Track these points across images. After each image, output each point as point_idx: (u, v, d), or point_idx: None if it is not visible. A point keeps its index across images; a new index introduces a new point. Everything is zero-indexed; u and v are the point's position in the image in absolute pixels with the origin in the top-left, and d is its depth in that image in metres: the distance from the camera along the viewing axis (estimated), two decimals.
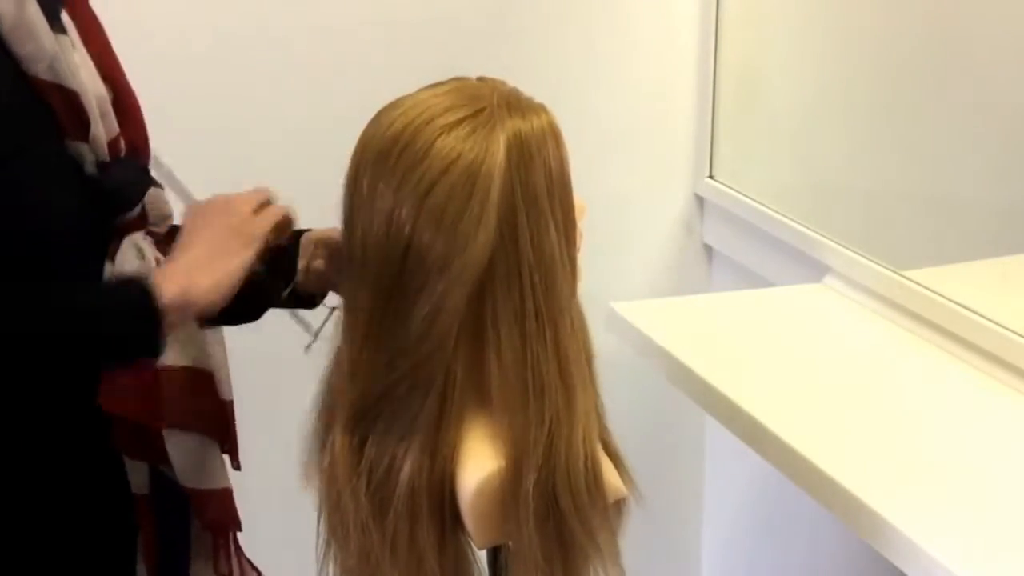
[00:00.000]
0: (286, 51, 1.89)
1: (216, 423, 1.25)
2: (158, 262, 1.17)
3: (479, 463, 1.09)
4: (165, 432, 1.21)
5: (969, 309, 1.61)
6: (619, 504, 1.15)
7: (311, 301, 1.29)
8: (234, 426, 1.27)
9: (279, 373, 1.63)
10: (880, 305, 1.76)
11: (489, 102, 1.07)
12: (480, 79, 1.12)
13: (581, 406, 1.09)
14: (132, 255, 1.16)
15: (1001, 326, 1.56)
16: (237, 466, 1.30)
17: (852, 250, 1.83)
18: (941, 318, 1.64)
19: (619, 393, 2.14)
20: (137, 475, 1.22)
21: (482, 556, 1.19)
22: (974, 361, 1.59)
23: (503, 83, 1.11)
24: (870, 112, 1.87)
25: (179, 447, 1.22)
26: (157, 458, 1.22)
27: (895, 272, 1.75)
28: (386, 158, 1.06)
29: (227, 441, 1.27)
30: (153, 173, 1.25)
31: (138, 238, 1.18)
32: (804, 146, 2.03)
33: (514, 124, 1.06)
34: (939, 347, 1.64)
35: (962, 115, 1.70)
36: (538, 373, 1.07)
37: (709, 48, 2.12)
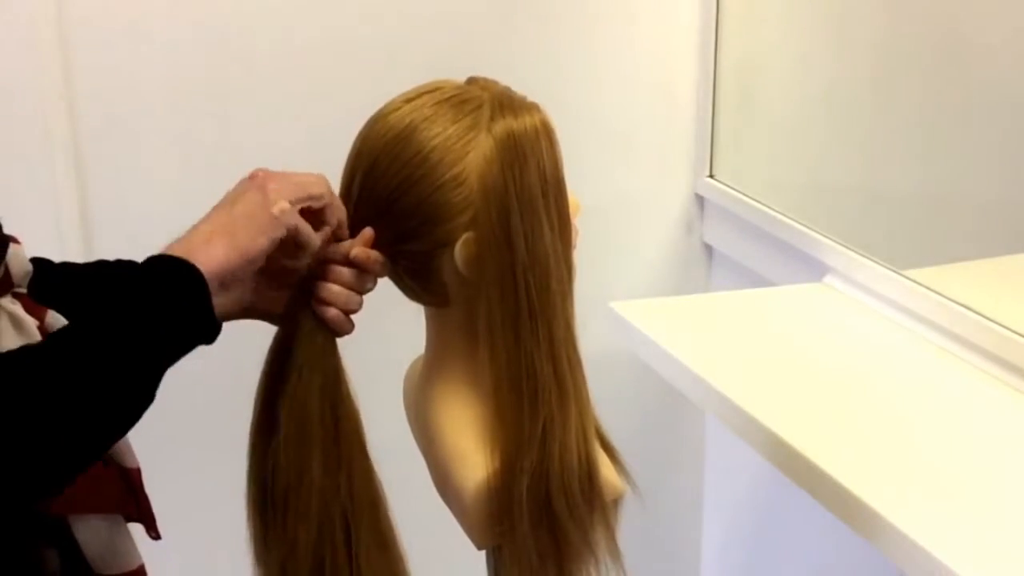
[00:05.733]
0: (284, 52, 1.89)
1: (121, 494, 1.08)
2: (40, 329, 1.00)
3: (475, 465, 1.09)
4: (72, 519, 1.03)
5: (969, 309, 1.61)
6: (616, 501, 1.14)
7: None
8: (143, 493, 1.10)
9: None
10: (880, 305, 1.76)
11: (481, 102, 1.07)
12: (471, 80, 1.12)
13: (575, 406, 1.08)
14: (7, 325, 1.01)
15: (1001, 326, 1.56)
16: (156, 536, 1.11)
17: (852, 250, 1.83)
18: (941, 318, 1.64)
19: (619, 393, 2.17)
20: (50, 563, 1.05)
21: (482, 556, 1.19)
22: (974, 361, 1.59)
23: (495, 83, 1.11)
24: (870, 112, 1.87)
25: (88, 532, 1.04)
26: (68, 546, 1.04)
27: (895, 272, 1.75)
28: (380, 165, 1.06)
29: (139, 511, 1.10)
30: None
31: (6, 303, 1.02)
32: (804, 146, 2.02)
33: (506, 124, 1.06)
34: (939, 347, 1.64)
35: (962, 115, 1.70)
36: (531, 373, 1.07)
37: (709, 48, 2.12)
